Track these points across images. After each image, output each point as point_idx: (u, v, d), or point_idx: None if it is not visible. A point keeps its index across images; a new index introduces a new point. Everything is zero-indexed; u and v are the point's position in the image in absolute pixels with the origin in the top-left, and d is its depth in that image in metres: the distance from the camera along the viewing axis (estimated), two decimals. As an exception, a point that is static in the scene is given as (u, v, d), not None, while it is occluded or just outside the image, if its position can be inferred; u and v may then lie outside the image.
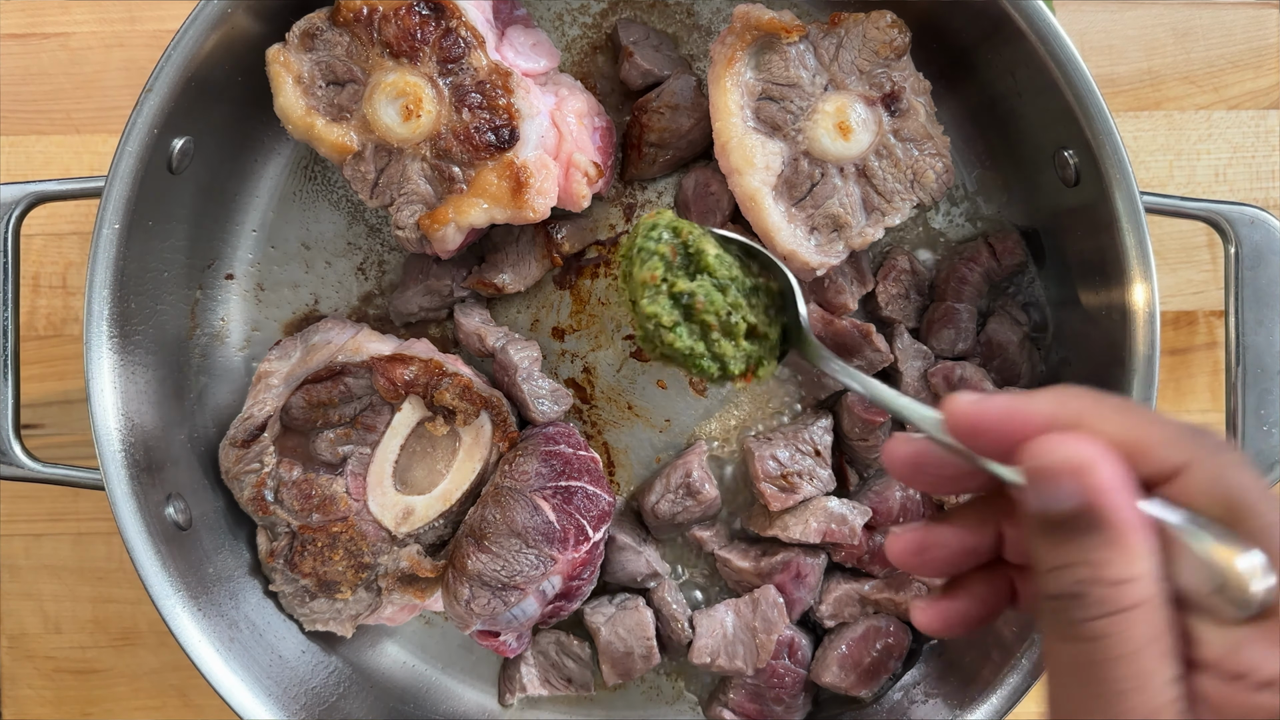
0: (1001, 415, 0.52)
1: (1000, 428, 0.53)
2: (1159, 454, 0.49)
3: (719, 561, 1.01)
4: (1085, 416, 0.51)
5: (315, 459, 0.93)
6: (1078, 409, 0.51)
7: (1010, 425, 0.52)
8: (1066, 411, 0.51)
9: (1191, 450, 0.49)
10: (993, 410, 0.53)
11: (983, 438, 0.54)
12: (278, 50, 0.87)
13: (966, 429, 0.54)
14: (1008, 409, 0.52)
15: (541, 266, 1.00)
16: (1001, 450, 0.53)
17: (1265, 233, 0.88)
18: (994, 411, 0.53)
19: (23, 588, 1.08)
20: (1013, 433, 0.52)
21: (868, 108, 0.89)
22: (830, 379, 0.99)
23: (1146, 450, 0.49)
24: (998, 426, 0.53)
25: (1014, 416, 0.52)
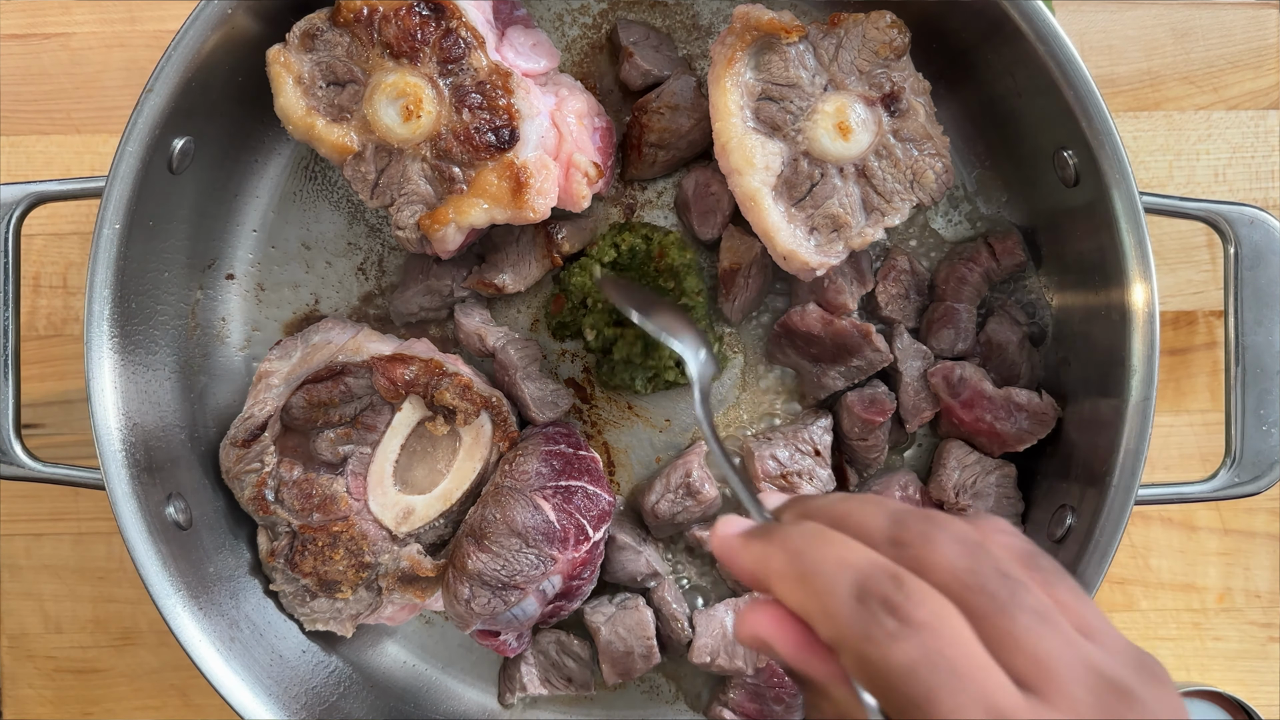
0: (725, 556, 0.59)
1: (728, 566, 0.59)
2: (819, 627, 0.52)
3: (719, 561, 1.01)
4: (771, 582, 0.55)
5: (316, 459, 0.93)
6: (767, 573, 0.56)
7: (732, 567, 0.59)
8: (760, 572, 0.56)
9: (839, 628, 0.51)
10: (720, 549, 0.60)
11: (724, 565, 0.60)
12: (278, 51, 0.88)
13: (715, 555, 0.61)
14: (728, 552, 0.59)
15: (542, 266, 1.00)
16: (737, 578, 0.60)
17: (1265, 233, 0.88)
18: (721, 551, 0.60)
19: (23, 587, 1.08)
20: (735, 573, 0.59)
21: (867, 108, 0.89)
22: (829, 381, 0.99)
23: (811, 621, 0.53)
24: (727, 564, 0.59)
25: (732, 561, 0.59)
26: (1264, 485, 0.89)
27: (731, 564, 0.59)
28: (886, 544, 0.54)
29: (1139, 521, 1.08)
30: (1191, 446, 1.08)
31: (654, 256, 0.97)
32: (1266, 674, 1.09)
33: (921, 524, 0.54)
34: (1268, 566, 1.08)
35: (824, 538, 0.55)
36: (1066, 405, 0.96)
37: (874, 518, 0.56)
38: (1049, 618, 0.50)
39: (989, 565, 0.51)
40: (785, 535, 0.56)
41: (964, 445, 0.99)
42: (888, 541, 0.54)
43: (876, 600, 0.50)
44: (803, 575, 0.53)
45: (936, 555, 0.52)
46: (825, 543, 0.54)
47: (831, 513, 0.58)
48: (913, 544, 0.53)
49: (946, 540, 0.52)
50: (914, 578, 0.51)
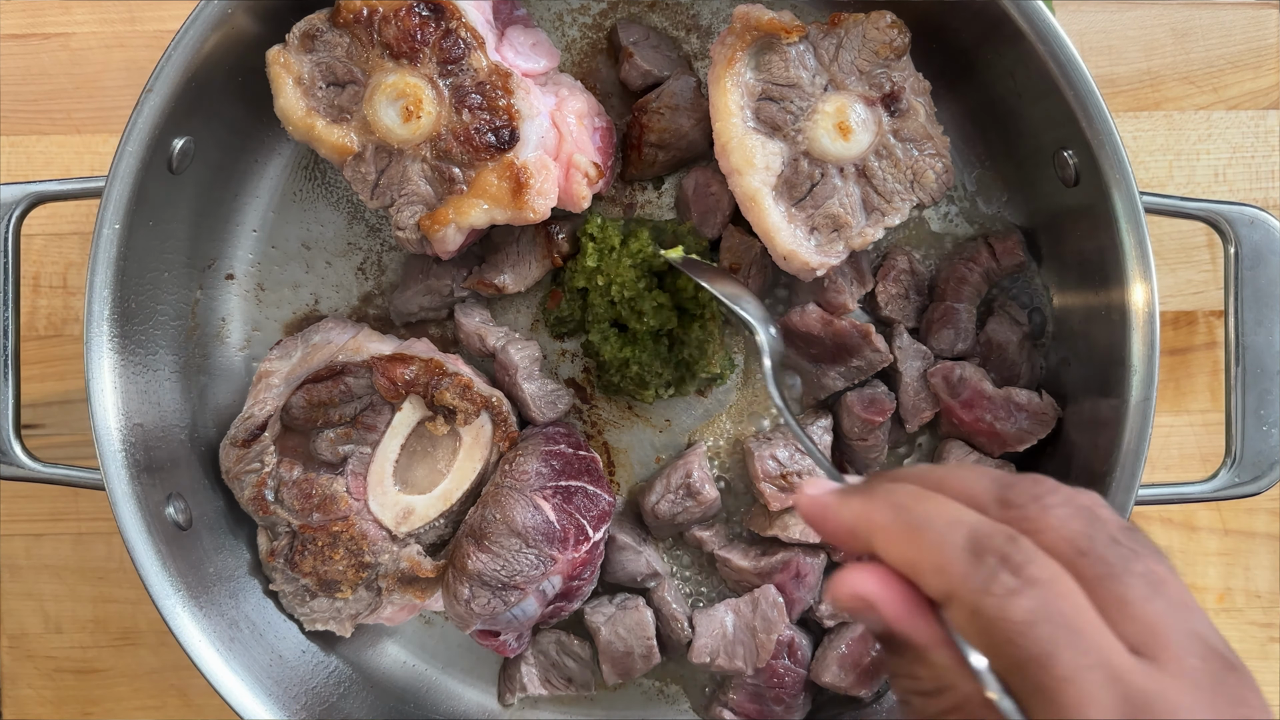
0: (817, 514, 0.58)
1: (819, 525, 0.58)
2: (928, 582, 0.52)
3: (719, 561, 1.01)
4: (875, 537, 0.54)
5: (316, 459, 0.93)
6: (870, 527, 0.55)
7: (825, 526, 0.58)
8: (862, 527, 0.55)
9: (952, 581, 0.50)
10: (812, 508, 0.58)
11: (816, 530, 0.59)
12: (278, 52, 0.87)
13: (804, 520, 0.60)
14: (821, 509, 0.58)
15: (542, 267, 1.00)
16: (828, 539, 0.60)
17: (1265, 233, 0.88)
18: (813, 510, 0.58)
19: (23, 587, 1.08)
20: (828, 532, 0.58)
21: (867, 108, 0.89)
22: (829, 381, 0.99)
23: (919, 576, 0.52)
24: (817, 523, 0.58)
25: (826, 518, 0.58)
26: (1264, 485, 0.89)
27: (826, 521, 0.58)
28: (995, 505, 0.53)
29: (1139, 521, 1.08)
30: (1191, 446, 1.08)
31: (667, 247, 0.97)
32: (1266, 674, 1.09)
33: (1031, 486, 0.53)
34: (1268, 566, 1.08)
35: (931, 498, 0.54)
36: (1066, 405, 0.96)
37: (978, 481, 0.55)
38: (1160, 586, 0.50)
39: (1103, 531, 0.51)
40: (889, 490, 0.55)
41: (964, 445, 0.99)
42: (996, 503, 0.53)
43: (993, 555, 0.50)
44: (912, 528, 0.53)
45: (1050, 517, 0.52)
46: (934, 500, 0.54)
47: (928, 478, 0.57)
48: (1024, 506, 0.52)
49: (1059, 503, 0.52)
50: (1027, 539, 0.50)
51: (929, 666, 0.53)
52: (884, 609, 0.53)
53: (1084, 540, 0.51)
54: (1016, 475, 0.55)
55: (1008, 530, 0.51)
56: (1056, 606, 0.48)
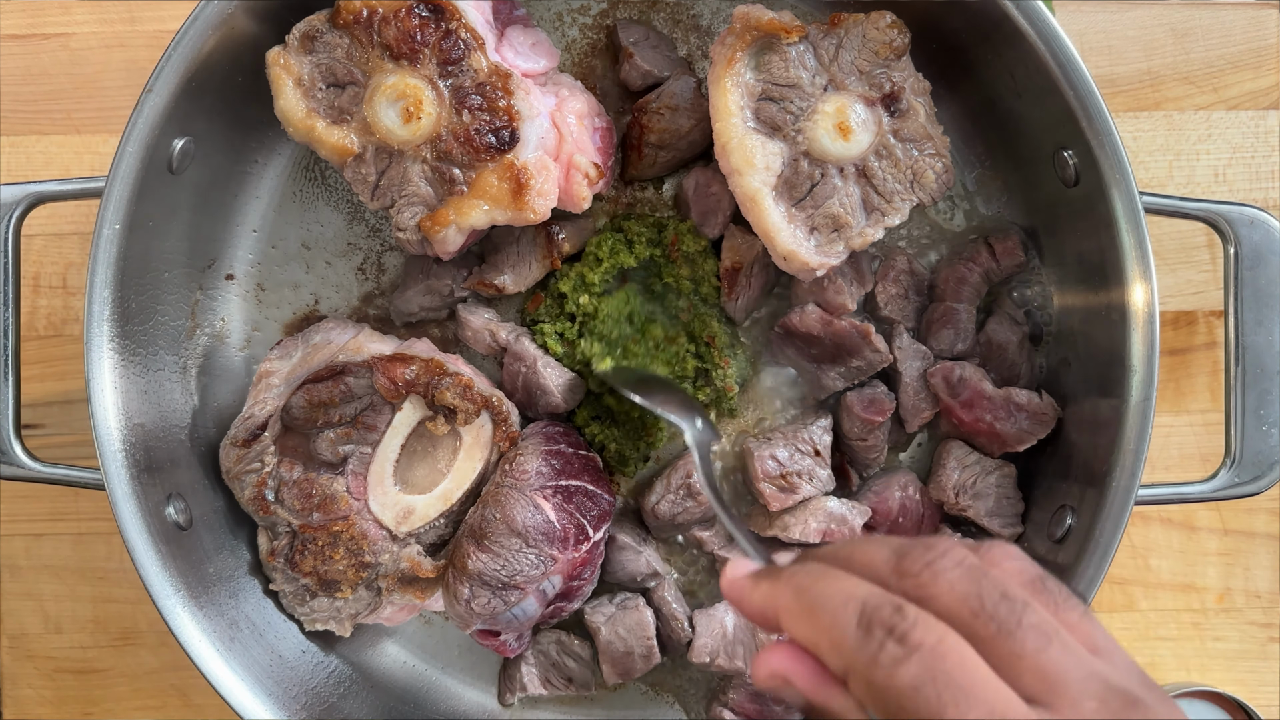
0: (734, 596, 0.61)
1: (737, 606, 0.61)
2: (828, 659, 0.54)
3: (719, 561, 1.01)
4: (781, 618, 0.57)
5: (316, 458, 0.93)
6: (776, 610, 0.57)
7: (741, 607, 0.61)
8: (770, 609, 0.58)
9: (847, 656, 0.52)
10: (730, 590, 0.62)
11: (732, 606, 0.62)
12: (278, 53, 0.87)
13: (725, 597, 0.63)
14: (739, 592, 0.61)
15: (542, 267, 1.00)
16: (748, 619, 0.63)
17: (1265, 233, 0.88)
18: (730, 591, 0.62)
19: (23, 588, 1.08)
20: (744, 612, 0.61)
21: (868, 108, 0.89)
22: (829, 382, 0.99)
23: (820, 654, 0.55)
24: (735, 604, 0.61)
25: (741, 600, 0.61)
26: (1264, 485, 0.89)
27: (741, 604, 0.61)
28: (891, 575, 0.55)
29: (1139, 521, 1.08)
30: (1191, 446, 1.08)
31: (668, 245, 0.98)
32: (1266, 674, 1.09)
33: (924, 553, 0.55)
34: (1268, 566, 1.08)
35: (828, 574, 0.56)
36: (1066, 405, 0.96)
37: (877, 553, 0.57)
38: (1053, 635, 0.51)
39: (991, 589, 0.52)
40: (791, 573, 0.58)
41: (964, 445, 0.99)
42: (892, 573, 0.55)
43: (880, 627, 0.51)
44: (809, 609, 0.55)
45: (940, 582, 0.53)
46: (830, 578, 0.56)
47: (835, 555, 0.59)
48: (916, 573, 0.54)
49: (948, 567, 0.54)
50: (914, 606, 0.52)
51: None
52: (798, 684, 0.56)
53: (974, 600, 0.52)
54: (913, 541, 0.57)
55: (895, 600, 0.53)
56: (941, 668, 0.49)
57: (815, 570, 0.57)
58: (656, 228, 0.99)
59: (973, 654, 0.50)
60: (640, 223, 0.99)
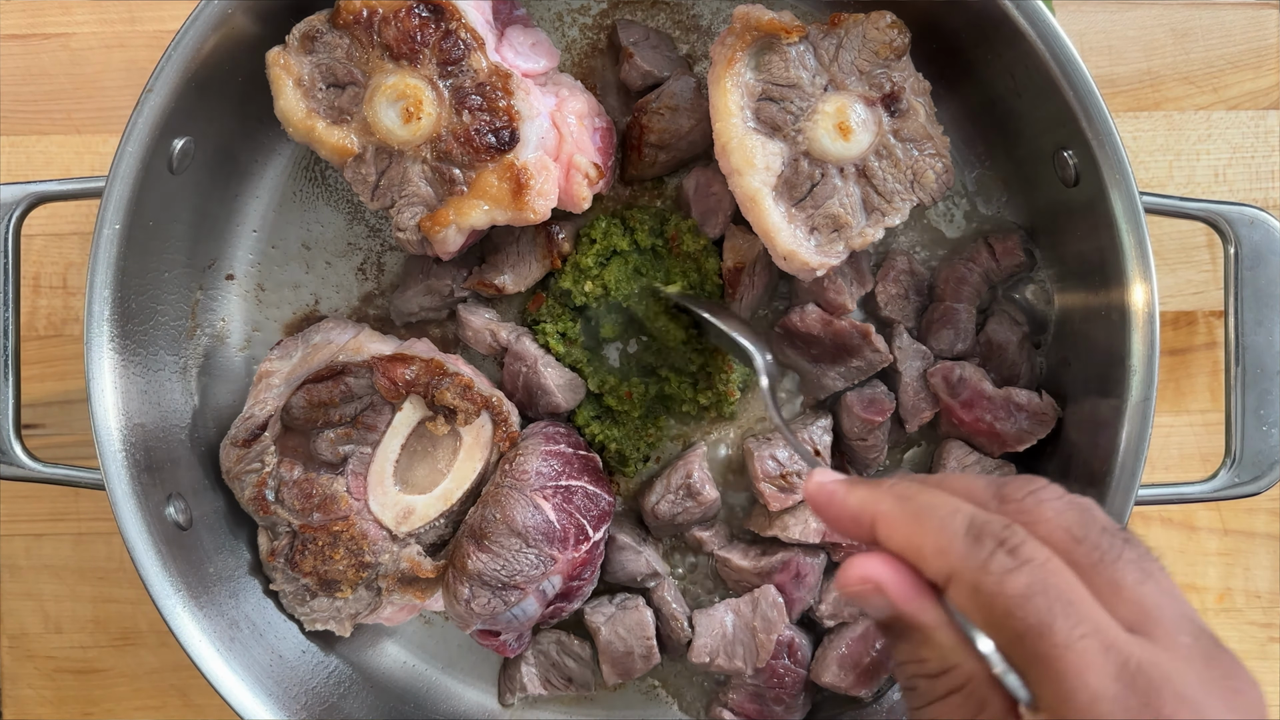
0: (823, 500, 0.61)
1: (824, 510, 0.61)
2: (931, 564, 0.55)
3: (719, 561, 1.01)
4: (879, 523, 0.57)
5: (316, 458, 0.93)
6: (874, 513, 0.58)
7: (829, 510, 0.60)
8: (866, 513, 0.58)
9: (953, 561, 0.53)
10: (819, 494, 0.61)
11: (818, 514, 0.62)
12: (278, 53, 0.87)
13: (809, 504, 0.63)
14: (828, 495, 0.61)
15: (542, 267, 1.00)
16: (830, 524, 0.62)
17: (1265, 233, 0.88)
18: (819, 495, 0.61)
19: (23, 588, 1.08)
20: (832, 517, 0.60)
21: (868, 108, 0.89)
22: (829, 382, 0.99)
23: (922, 559, 0.55)
24: (823, 508, 0.61)
25: (831, 503, 0.60)
26: (1264, 485, 0.89)
27: (830, 506, 0.61)
28: (992, 500, 0.56)
29: (1139, 521, 1.08)
30: (1191, 446, 1.08)
31: (669, 240, 0.98)
32: (1266, 674, 1.09)
33: (1025, 483, 0.56)
34: (1268, 566, 1.08)
35: (931, 489, 0.57)
36: (1066, 405, 0.96)
37: (974, 481, 0.58)
38: (1152, 571, 0.52)
39: (1094, 520, 0.54)
40: (893, 483, 0.58)
41: (964, 445, 0.99)
42: (993, 498, 0.56)
43: (990, 538, 0.52)
44: (915, 514, 0.56)
45: (1045, 509, 0.54)
46: (935, 494, 0.57)
47: (929, 479, 0.60)
48: (1020, 499, 0.55)
49: (1052, 498, 0.55)
50: (1021, 527, 0.53)
51: (933, 647, 0.55)
52: (890, 590, 0.56)
53: (1078, 529, 0.53)
54: (1009, 476, 0.58)
55: (1003, 519, 0.54)
56: (1051, 581, 0.50)
57: (917, 484, 0.58)
58: (659, 218, 0.99)
59: (1075, 577, 0.51)
60: (644, 211, 0.99)
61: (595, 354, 1.01)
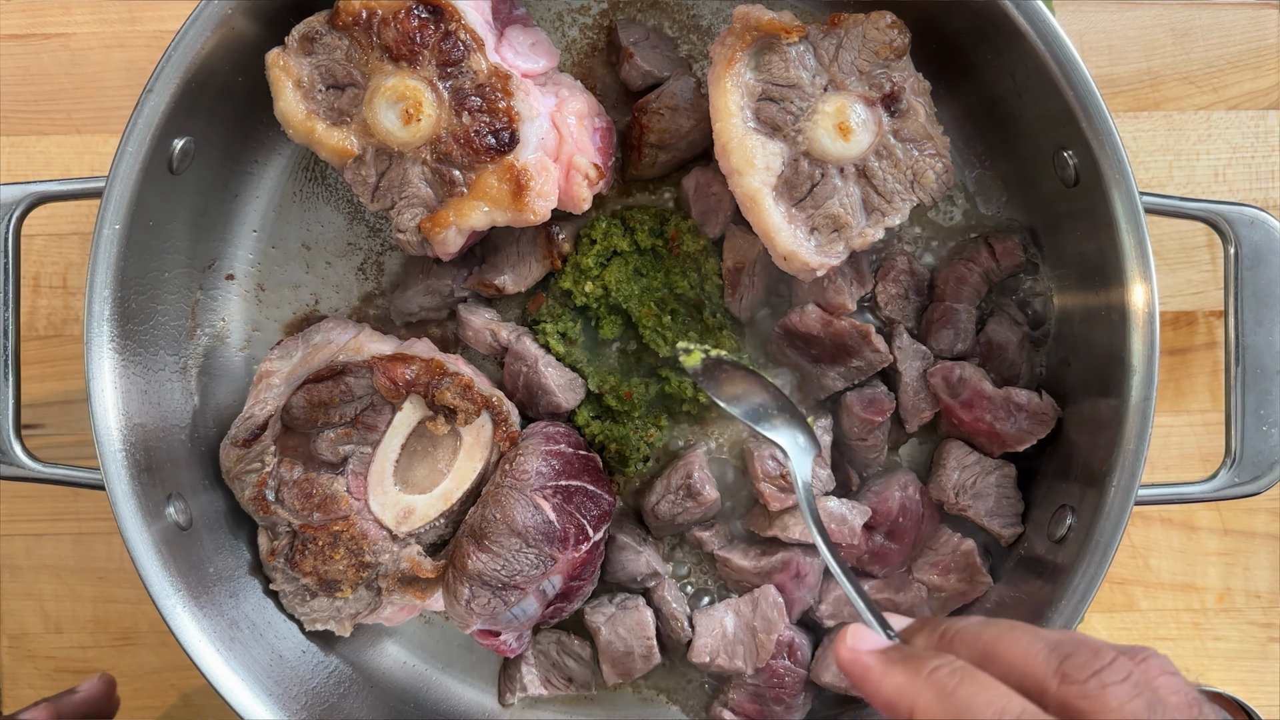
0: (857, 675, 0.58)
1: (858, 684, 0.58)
2: None
3: (719, 561, 1.01)
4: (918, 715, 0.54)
5: (316, 458, 0.93)
6: (912, 705, 0.54)
7: (864, 688, 0.58)
8: (904, 704, 0.55)
9: None
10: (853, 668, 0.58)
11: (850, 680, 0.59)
12: (277, 54, 0.87)
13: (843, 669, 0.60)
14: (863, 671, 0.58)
15: (542, 267, 1.00)
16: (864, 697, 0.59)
17: (1265, 233, 0.88)
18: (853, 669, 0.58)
19: (23, 588, 1.08)
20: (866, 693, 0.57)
21: (868, 108, 0.89)
22: (829, 382, 0.99)
23: None
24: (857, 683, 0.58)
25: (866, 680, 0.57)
26: (1264, 485, 0.89)
27: (863, 684, 0.58)
28: (1053, 677, 0.53)
29: (1139, 521, 1.08)
30: (1191, 446, 1.08)
31: (669, 240, 0.98)
32: (1266, 674, 1.09)
33: (1090, 659, 0.52)
34: (1268, 566, 1.08)
35: (975, 680, 0.53)
36: (1066, 405, 0.96)
37: (1032, 646, 0.54)
38: None
39: (1161, 715, 0.50)
40: (933, 668, 0.55)
41: (964, 445, 0.99)
42: (1054, 675, 0.53)
43: None
44: (957, 716, 0.52)
45: (1109, 698, 0.51)
46: (979, 686, 0.53)
47: (979, 640, 0.56)
48: (1083, 681, 0.52)
49: (1116, 679, 0.51)
50: None
51: None
52: None
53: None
54: (1075, 641, 0.54)
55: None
56: None
57: (959, 670, 0.54)
58: (659, 218, 0.99)
59: None
60: (643, 211, 0.99)
61: (595, 354, 1.01)
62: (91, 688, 0.89)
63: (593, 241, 0.98)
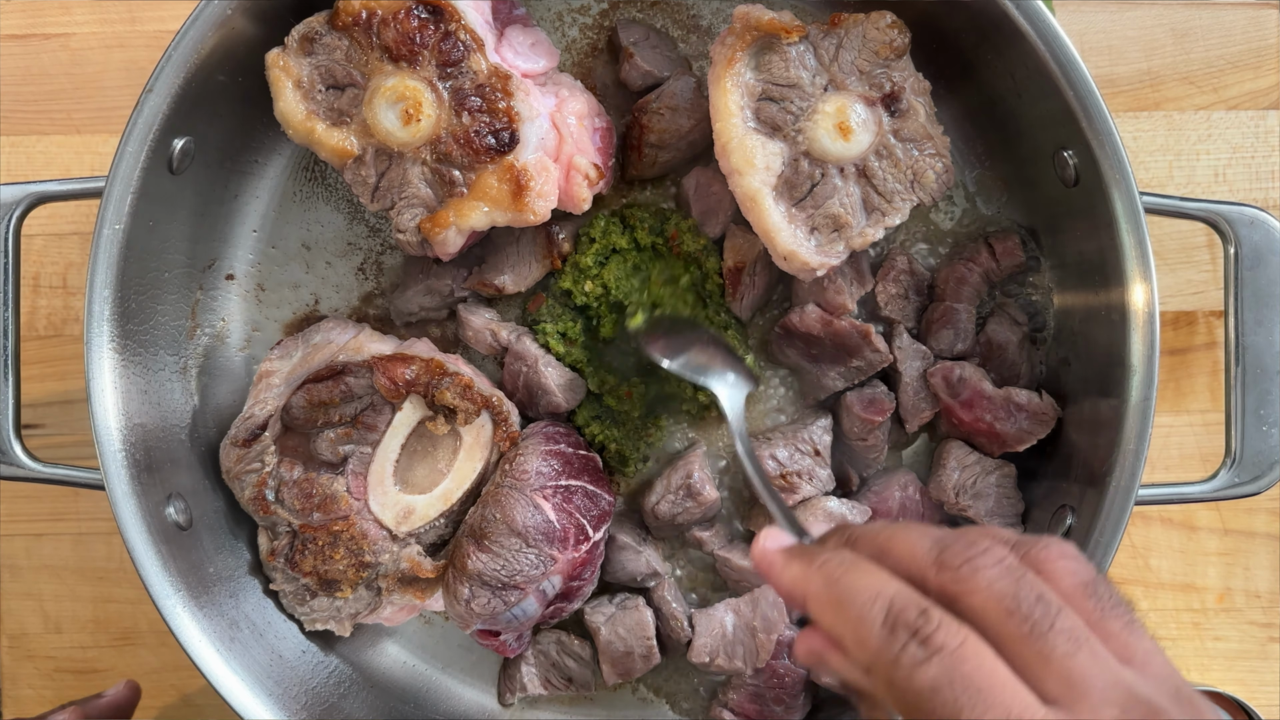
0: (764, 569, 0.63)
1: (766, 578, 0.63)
2: (852, 653, 0.56)
3: (719, 561, 1.01)
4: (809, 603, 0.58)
5: (316, 458, 0.93)
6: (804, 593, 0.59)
7: (769, 580, 0.62)
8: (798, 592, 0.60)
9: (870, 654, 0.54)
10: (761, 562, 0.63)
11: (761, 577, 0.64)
12: (277, 55, 0.87)
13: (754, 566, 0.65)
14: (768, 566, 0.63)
15: (542, 267, 1.00)
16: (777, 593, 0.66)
17: (1265, 233, 0.88)
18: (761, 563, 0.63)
19: (23, 588, 1.08)
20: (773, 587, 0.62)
21: (868, 108, 0.89)
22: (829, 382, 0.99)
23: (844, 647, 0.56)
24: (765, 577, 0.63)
25: (770, 574, 0.62)
26: (1264, 485, 0.89)
27: (768, 577, 0.62)
28: (930, 566, 0.56)
29: (1139, 521, 1.08)
30: (1191, 446, 1.08)
31: (669, 239, 0.98)
32: (1266, 674, 1.09)
33: (965, 548, 0.56)
34: (1268, 566, 1.08)
35: (860, 568, 0.58)
36: (1066, 405, 0.96)
37: (918, 541, 0.58)
38: (1083, 640, 0.52)
39: (1029, 590, 0.53)
40: (824, 560, 0.59)
41: (964, 445, 0.99)
42: (932, 564, 0.56)
43: (904, 628, 0.53)
44: (838, 601, 0.57)
45: (978, 578, 0.54)
46: (861, 572, 0.57)
47: (875, 539, 0.60)
48: (956, 567, 0.55)
49: (988, 564, 0.55)
50: (940, 610, 0.54)
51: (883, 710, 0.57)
52: (834, 664, 0.58)
53: (1009, 600, 0.53)
54: (956, 534, 0.58)
55: (920, 603, 0.54)
56: (960, 670, 0.51)
57: (847, 560, 0.58)
58: (659, 216, 0.99)
59: (993, 656, 0.52)
60: (643, 209, 0.99)
61: (595, 354, 1.01)
62: (118, 693, 0.92)
63: (592, 240, 0.98)
